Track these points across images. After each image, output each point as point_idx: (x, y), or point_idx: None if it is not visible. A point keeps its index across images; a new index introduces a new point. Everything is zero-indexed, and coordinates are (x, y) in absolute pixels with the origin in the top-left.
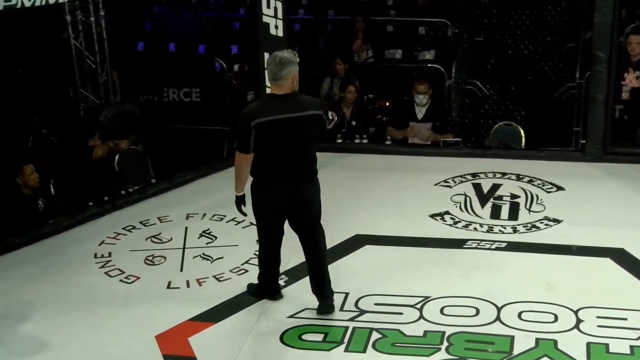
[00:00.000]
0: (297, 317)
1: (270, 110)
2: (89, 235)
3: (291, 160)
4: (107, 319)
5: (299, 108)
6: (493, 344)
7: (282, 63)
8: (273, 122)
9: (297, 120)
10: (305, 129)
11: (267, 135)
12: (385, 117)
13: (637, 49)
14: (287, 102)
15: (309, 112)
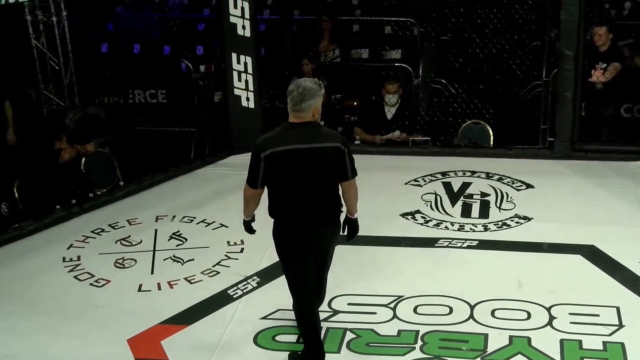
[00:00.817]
0: (270, 318)
1: (284, 139)
2: (57, 239)
3: (307, 196)
4: (78, 324)
5: (317, 139)
6: (467, 342)
7: (304, 94)
8: (287, 153)
9: (314, 151)
10: (323, 162)
11: (279, 168)
12: (354, 117)
13: (602, 40)
14: (304, 131)
15: (328, 144)
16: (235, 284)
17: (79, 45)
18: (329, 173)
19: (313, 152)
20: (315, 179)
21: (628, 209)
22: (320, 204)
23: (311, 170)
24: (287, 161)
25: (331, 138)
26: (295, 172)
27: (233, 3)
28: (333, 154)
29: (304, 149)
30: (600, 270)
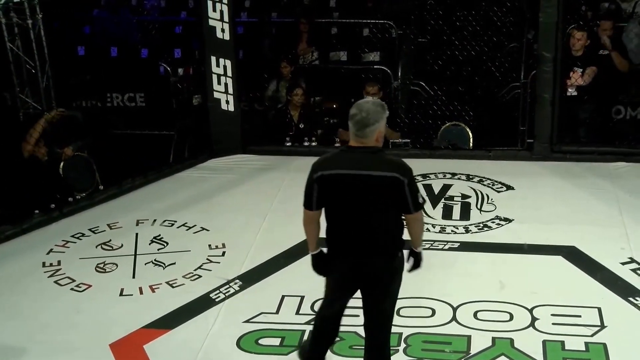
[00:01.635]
0: (253, 321)
1: (338, 162)
2: (36, 244)
3: (354, 226)
4: (59, 329)
5: (374, 166)
6: (450, 344)
7: (368, 118)
8: (337, 177)
9: (367, 179)
10: (376, 191)
11: (330, 192)
12: (333, 119)
13: (578, 44)
14: (360, 156)
15: (385, 173)
16: (218, 287)
17: (56, 48)
18: (383, 203)
19: (365, 180)
20: (365, 208)
21: (607, 210)
22: (368, 235)
23: (361, 198)
24: (337, 186)
25: (390, 167)
26: (344, 199)
27: (212, 6)
28: (389, 184)
29: (356, 175)
30: (581, 270)
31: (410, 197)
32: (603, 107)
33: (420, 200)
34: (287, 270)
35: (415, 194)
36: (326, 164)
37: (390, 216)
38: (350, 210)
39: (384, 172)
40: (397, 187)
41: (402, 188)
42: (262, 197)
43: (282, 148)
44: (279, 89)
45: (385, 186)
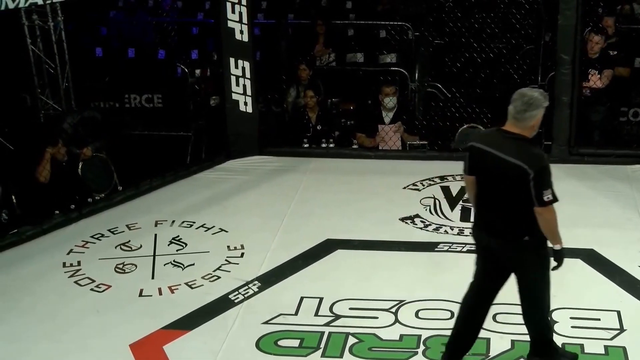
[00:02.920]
0: (272, 323)
1: (487, 140)
2: (57, 244)
3: (488, 205)
4: (79, 330)
5: (510, 151)
6: None
7: (529, 103)
8: (482, 153)
9: (499, 161)
10: (506, 177)
11: (475, 163)
12: (350, 121)
13: (596, 48)
14: (504, 140)
15: (514, 161)
16: (236, 288)
17: (74, 49)
18: (511, 189)
19: (500, 163)
20: (496, 189)
21: (625, 213)
22: (497, 216)
23: (493, 178)
24: (480, 160)
25: (523, 157)
26: (483, 175)
27: (231, 8)
28: (515, 172)
29: (495, 155)
30: (600, 274)
31: (534, 190)
32: (617, 109)
33: (547, 198)
34: (305, 272)
35: (541, 189)
36: (480, 138)
37: (516, 202)
38: (485, 186)
39: (515, 159)
40: (522, 177)
41: (526, 179)
42: (279, 198)
43: (299, 149)
44: (299, 94)
45: (513, 173)
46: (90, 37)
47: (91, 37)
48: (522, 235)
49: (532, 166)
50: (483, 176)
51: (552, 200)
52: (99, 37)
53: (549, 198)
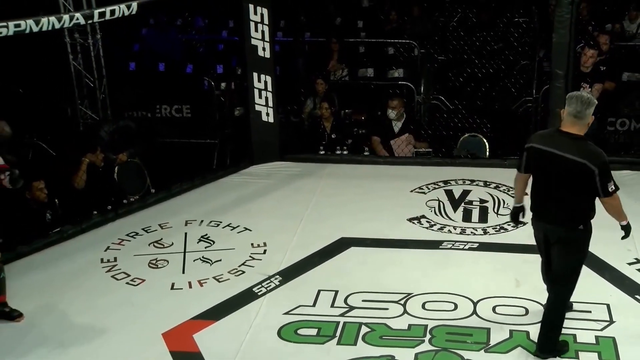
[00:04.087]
0: (292, 313)
1: (547, 140)
2: (95, 242)
3: (548, 198)
4: (116, 320)
5: (573, 151)
6: (471, 335)
7: (588, 103)
8: (542, 152)
9: (564, 160)
10: (569, 173)
11: (535, 162)
12: (362, 130)
13: (589, 61)
14: (566, 140)
15: (579, 159)
16: (260, 282)
17: (110, 64)
18: (573, 184)
19: (563, 161)
20: (557, 184)
21: None
22: (558, 207)
23: (556, 175)
24: (540, 159)
25: (584, 154)
26: (543, 172)
27: (254, 26)
28: (581, 170)
29: (556, 155)
30: (591, 270)
31: (599, 184)
32: (606, 120)
33: (610, 189)
34: (322, 267)
35: (605, 182)
36: (539, 139)
37: (577, 194)
38: (548, 182)
39: (578, 157)
40: (587, 174)
41: (592, 175)
42: (298, 200)
43: (316, 156)
44: (315, 106)
45: (577, 170)
46: (125, 52)
47: (125, 53)
48: (578, 224)
49: (595, 163)
50: (544, 174)
51: (615, 190)
52: (133, 52)
53: (612, 188)
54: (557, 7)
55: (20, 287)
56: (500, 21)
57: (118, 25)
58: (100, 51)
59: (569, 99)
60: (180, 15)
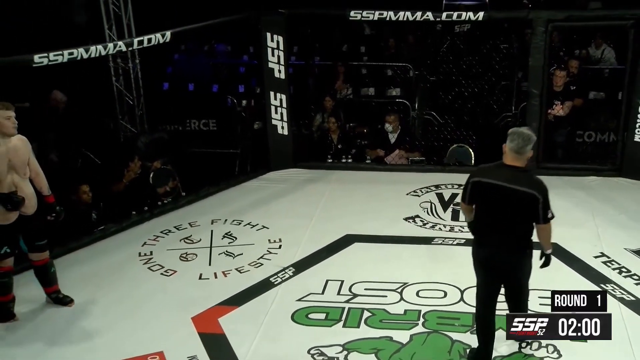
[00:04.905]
0: (304, 300)
1: (493, 175)
2: (133, 238)
3: (496, 227)
4: (152, 305)
5: (520, 183)
6: (459, 319)
7: (529, 140)
8: (490, 186)
9: (512, 192)
10: (517, 203)
11: (481, 195)
12: (364, 141)
13: (560, 81)
14: (511, 173)
15: (526, 190)
16: (276, 273)
17: (147, 84)
18: (520, 213)
19: (511, 192)
20: (505, 214)
21: (582, 215)
22: (506, 235)
23: (504, 207)
24: (487, 192)
25: (532, 186)
26: (491, 204)
27: (271, 52)
28: (528, 199)
29: (505, 187)
30: (563, 262)
31: (542, 211)
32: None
33: (549, 216)
34: (329, 260)
35: (547, 209)
36: (484, 173)
37: (522, 222)
38: (495, 213)
39: (525, 188)
40: (533, 202)
41: (537, 204)
42: (309, 203)
43: (324, 164)
44: (324, 120)
45: (524, 199)
46: (159, 74)
47: (160, 75)
48: (525, 249)
49: (540, 192)
50: (491, 205)
51: (552, 217)
52: (166, 74)
53: (551, 215)
54: (533, 35)
55: (70, 278)
56: (484, 47)
57: (154, 51)
58: (139, 73)
59: (510, 135)
60: (207, 43)
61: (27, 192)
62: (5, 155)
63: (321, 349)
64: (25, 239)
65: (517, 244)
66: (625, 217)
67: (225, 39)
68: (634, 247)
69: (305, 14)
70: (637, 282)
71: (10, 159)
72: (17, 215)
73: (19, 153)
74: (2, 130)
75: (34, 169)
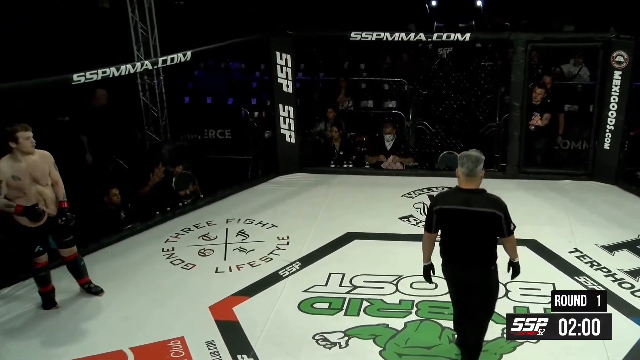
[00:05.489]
0: (309, 291)
1: (453, 201)
2: (157, 236)
3: (463, 248)
4: (174, 296)
5: (480, 204)
6: (448, 308)
7: (477, 161)
8: (452, 211)
9: (475, 213)
10: (481, 222)
11: (445, 221)
12: (363, 148)
13: (538, 97)
14: (469, 196)
15: (488, 210)
16: (284, 267)
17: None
18: (485, 231)
19: (473, 214)
20: (470, 234)
21: (559, 214)
22: (472, 254)
23: (469, 228)
24: (452, 218)
25: (492, 205)
26: (456, 227)
27: (280, 69)
28: (490, 218)
29: (467, 210)
30: (540, 257)
31: (505, 226)
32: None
33: (512, 228)
34: (332, 255)
35: (509, 224)
36: (445, 200)
37: (487, 240)
38: (460, 235)
39: (486, 208)
40: (495, 220)
41: (500, 221)
42: (314, 204)
43: (327, 168)
44: (326, 128)
45: (487, 219)
46: (181, 89)
47: (181, 90)
48: (491, 265)
49: (501, 210)
50: (455, 229)
51: (514, 228)
52: (187, 89)
53: (513, 227)
54: (514, 54)
55: (101, 271)
56: (470, 65)
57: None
58: (163, 89)
59: (460, 159)
60: (223, 61)
61: (51, 197)
62: (26, 171)
63: (325, 335)
64: (54, 237)
65: (483, 261)
66: (597, 216)
67: (239, 58)
68: (604, 243)
69: (310, 35)
70: (607, 274)
71: (30, 173)
72: (45, 219)
73: (38, 167)
74: (22, 149)
75: (54, 179)
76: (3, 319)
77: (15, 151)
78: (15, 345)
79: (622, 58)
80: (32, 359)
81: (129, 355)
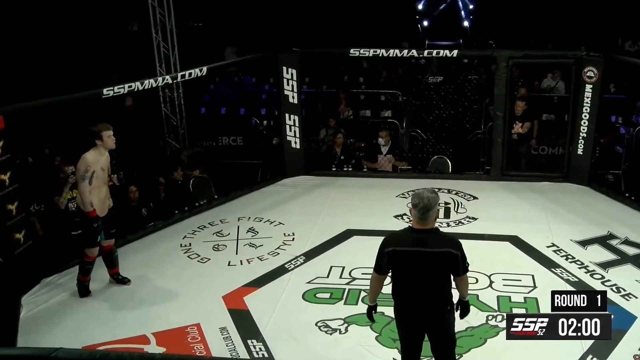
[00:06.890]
0: (312, 282)
1: (405, 241)
2: (176, 232)
3: (419, 290)
4: (191, 287)
5: (436, 245)
6: None
7: (429, 204)
8: (406, 253)
9: (431, 254)
10: (437, 262)
11: (399, 263)
12: (362, 153)
13: (519, 110)
14: (424, 237)
15: (444, 249)
16: (289, 260)
17: (188, 109)
18: (440, 271)
19: (428, 255)
20: (425, 276)
21: (538, 213)
22: (429, 296)
23: (425, 269)
24: (406, 260)
25: (447, 244)
26: (411, 269)
27: (287, 82)
28: (446, 258)
29: (421, 252)
30: (521, 251)
31: (461, 264)
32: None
33: (467, 265)
34: (333, 250)
35: (464, 262)
36: (397, 241)
37: (442, 279)
38: (414, 277)
39: (442, 248)
40: (451, 259)
41: (456, 259)
42: (317, 203)
43: (329, 172)
44: (327, 134)
45: (442, 258)
46: (198, 101)
47: (198, 101)
48: (447, 305)
49: (456, 248)
50: (409, 271)
51: (468, 266)
52: (203, 101)
53: (467, 265)
54: (497, 69)
55: (127, 264)
56: (458, 78)
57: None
58: (182, 100)
59: (413, 199)
60: (236, 75)
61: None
62: (106, 165)
63: (326, 322)
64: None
65: (438, 302)
66: (572, 215)
67: (250, 72)
68: (578, 239)
69: (314, 52)
70: (580, 267)
71: (108, 167)
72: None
73: (108, 163)
74: (106, 146)
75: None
76: (45, 305)
77: (100, 147)
78: (51, 330)
79: (593, 73)
80: (66, 342)
81: (151, 340)
